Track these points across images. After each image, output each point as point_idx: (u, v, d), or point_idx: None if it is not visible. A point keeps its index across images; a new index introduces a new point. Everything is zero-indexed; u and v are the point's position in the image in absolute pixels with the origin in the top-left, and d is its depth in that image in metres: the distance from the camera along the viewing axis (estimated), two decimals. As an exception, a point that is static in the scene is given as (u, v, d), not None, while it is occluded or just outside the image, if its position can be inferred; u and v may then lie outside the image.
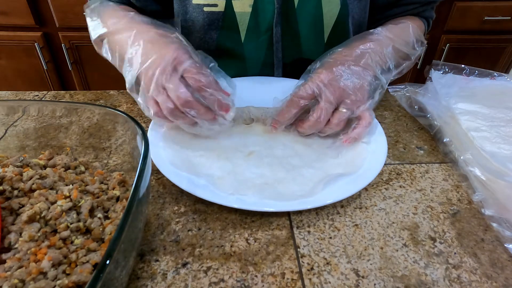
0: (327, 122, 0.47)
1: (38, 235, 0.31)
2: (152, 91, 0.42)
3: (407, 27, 0.58)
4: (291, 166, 0.46)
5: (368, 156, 0.47)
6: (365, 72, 0.48)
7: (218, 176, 0.44)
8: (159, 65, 0.42)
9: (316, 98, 0.47)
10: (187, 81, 0.43)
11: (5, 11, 1.40)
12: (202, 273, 0.35)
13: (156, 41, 0.45)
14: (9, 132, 0.42)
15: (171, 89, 0.42)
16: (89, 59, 1.56)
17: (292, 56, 0.64)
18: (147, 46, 0.45)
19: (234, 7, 0.57)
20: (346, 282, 0.35)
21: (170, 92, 0.42)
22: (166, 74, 0.42)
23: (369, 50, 0.50)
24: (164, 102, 0.42)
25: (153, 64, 0.42)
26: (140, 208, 0.30)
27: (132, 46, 0.45)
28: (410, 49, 0.55)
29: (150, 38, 0.46)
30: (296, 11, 0.58)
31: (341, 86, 0.46)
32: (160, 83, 0.42)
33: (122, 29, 0.49)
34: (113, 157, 0.43)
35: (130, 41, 0.46)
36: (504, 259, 0.38)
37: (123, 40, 0.47)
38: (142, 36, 0.46)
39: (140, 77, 0.44)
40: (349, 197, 0.42)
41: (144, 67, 0.43)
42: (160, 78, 0.42)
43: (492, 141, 0.47)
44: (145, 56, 0.43)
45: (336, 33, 0.61)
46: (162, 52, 0.43)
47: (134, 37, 0.46)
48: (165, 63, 0.42)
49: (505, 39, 1.56)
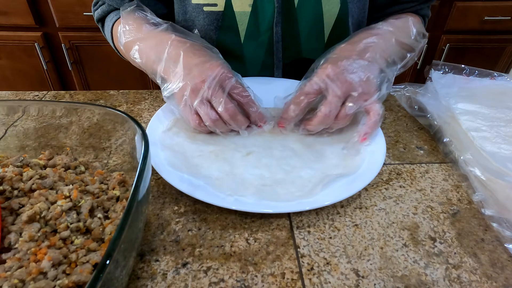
0: (335, 117, 0.47)
1: (38, 235, 0.31)
2: (197, 103, 0.46)
3: (407, 21, 0.58)
4: (290, 167, 0.46)
5: (367, 157, 0.47)
6: (370, 65, 0.48)
7: (217, 177, 0.44)
8: (206, 80, 0.45)
9: (322, 94, 0.47)
10: (232, 96, 0.47)
11: (5, 11, 1.40)
12: (202, 273, 0.35)
13: (196, 53, 0.48)
14: (9, 132, 0.42)
15: (219, 102, 0.46)
16: (89, 59, 1.56)
17: (292, 56, 0.64)
18: (188, 57, 0.47)
19: (234, 7, 0.57)
20: (346, 282, 0.35)
21: (217, 105, 0.46)
22: (212, 89, 0.45)
23: (372, 44, 0.50)
24: (208, 113, 0.46)
25: (199, 78, 0.46)
26: (140, 208, 0.30)
27: (169, 55, 0.48)
28: (413, 41, 0.56)
29: (189, 49, 0.48)
30: (296, 10, 0.58)
31: (348, 79, 0.46)
32: (205, 96, 0.45)
33: (155, 36, 0.51)
34: (113, 157, 0.43)
35: (167, 48, 0.49)
36: (504, 259, 0.38)
37: (158, 47, 0.50)
38: (180, 46, 0.49)
39: (184, 87, 0.46)
40: (349, 197, 0.42)
41: (190, 80, 0.46)
42: (207, 93, 0.45)
43: (492, 141, 0.47)
44: (188, 69, 0.47)
45: (336, 32, 0.61)
46: (206, 67, 0.46)
47: (171, 45, 0.49)
48: (211, 79, 0.45)
49: (505, 39, 1.56)
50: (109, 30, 0.63)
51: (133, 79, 1.62)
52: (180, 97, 0.47)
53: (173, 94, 0.48)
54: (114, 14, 0.63)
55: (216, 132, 0.49)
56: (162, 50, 0.49)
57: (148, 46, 0.51)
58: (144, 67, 0.52)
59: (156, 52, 0.50)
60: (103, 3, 0.65)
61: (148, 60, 0.51)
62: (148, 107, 0.61)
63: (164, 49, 0.49)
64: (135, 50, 0.52)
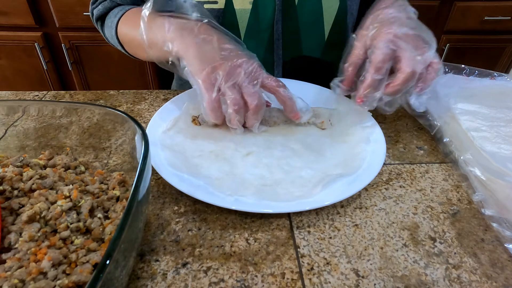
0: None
1: (38, 235, 0.31)
2: (228, 85, 0.45)
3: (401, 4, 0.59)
4: (290, 167, 0.46)
5: (367, 157, 0.47)
6: (412, 24, 0.49)
7: (217, 177, 0.44)
8: (242, 66, 0.46)
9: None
10: (265, 86, 0.48)
11: (5, 11, 1.40)
12: (202, 273, 0.35)
13: (231, 42, 0.48)
14: (9, 132, 0.42)
15: (252, 93, 0.46)
16: (89, 59, 1.56)
17: (292, 54, 0.64)
18: (222, 41, 0.47)
19: (234, 4, 0.57)
20: (346, 282, 0.35)
21: (248, 95, 0.46)
22: (249, 79, 0.46)
23: (394, 15, 0.50)
24: (237, 98, 0.46)
25: (235, 63, 0.45)
26: (140, 208, 0.30)
27: (199, 32, 0.47)
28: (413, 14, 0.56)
29: (221, 35, 0.48)
30: (297, 7, 0.58)
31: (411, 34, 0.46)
32: (239, 82, 0.45)
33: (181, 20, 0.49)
34: (113, 157, 0.43)
35: (196, 28, 0.47)
36: (504, 259, 0.38)
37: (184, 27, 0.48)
38: (211, 29, 0.48)
39: (217, 66, 0.45)
40: (349, 197, 0.42)
41: (226, 61, 0.45)
42: (243, 79, 0.45)
43: (492, 141, 0.47)
44: (223, 50, 0.46)
45: (336, 30, 0.61)
46: (242, 54, 0.47)
47: (201, 27, 0.48)
48: (248, 67, 0.46)
49: (505, 39, 1.56)
50: (113, 25, 0.61)
51: (133, 79, 1.62)
52: (208, 75, 0.45)
53: (196, 71, 0.46)
54: (119, 10, 0.62)
55: (227, 123, 0.48)
56: (190, 27, 0.47)
57: (172, 23, 0.49)
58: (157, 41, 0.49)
59: (179, 28, 0.48)
60: (104, 0, 0.64)
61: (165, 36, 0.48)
62: (148, 107, 0.61)
63: (192, 28, 0.47)
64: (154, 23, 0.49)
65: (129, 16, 0.60)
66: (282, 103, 0.50)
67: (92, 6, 0.66)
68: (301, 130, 0.53)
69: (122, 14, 0.60)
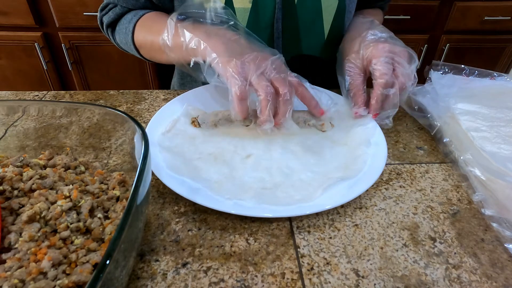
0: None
1: (38, 235, 0.31)
2: (257, 74, 0.46)
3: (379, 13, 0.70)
4: (290, 170, 0.45)
5: (368, 160, 0.46)
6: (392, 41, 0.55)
7: (216, 180, 0.43)
8: (269, 59, 0.47)
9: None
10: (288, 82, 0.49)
11: (5, 11, 1.40)
12: (202, 273, 0.35)
13: (256, 42, 0.51)
14: (9, 132, 0.42)
15: (282, 79, 0.47)
16: (89, 59, 1.56)
17: (292, 52, 0.64)
18: (248, 40, 0.50)
19: (234, 3, 0.57)
20: (346, 282, 0.35)
21: (278, 82, 0.47)
22: (276, 70, 0.47)
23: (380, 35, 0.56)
24: (267, 85, 0.46)
25: (262, 56, 0.47)
26: (140, 208, 0.30)
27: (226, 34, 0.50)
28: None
29: (246, 36, 0.51)
30: (297, 6, 0.59)
31: (403, 49, 0.52)
32: (267, 71, 0.47)
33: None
34: (113, 157, 0.43)
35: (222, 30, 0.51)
36: (504, 259, 0.38)
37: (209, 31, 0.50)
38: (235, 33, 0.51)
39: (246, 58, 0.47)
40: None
41: (253, 54, 0.47)
42: (270, 70, 0.47)
43: (492, 141, 0.47)
44: (249, 49, 0.49)
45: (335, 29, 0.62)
46: (268, 50, 0.50)
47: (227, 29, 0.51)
48: (275, 59, 0.48)
49: (505, 39, 1.56)
50: (129, 31, 0.61)
51: (133, 79, 1.62)
52: (236, 65, 0.46)
53: (225, 62, 0.46)
54: (132, 15, 0.61)
55: (258, 114, 0.48)
56: (216, 30, 0.50)
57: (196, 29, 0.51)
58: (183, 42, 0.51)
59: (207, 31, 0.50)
60: (114, 6, 0.63)
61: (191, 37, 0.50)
62: (148, 107, 0.61)
63: (218, 30, 0.50)
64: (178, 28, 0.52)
65: (146, 21, 0.61)
66: (307, 100, 0.51)
67: (101, 13, 0.66)
68: (301, 133, 0.52)
69: (137, 19, 0.60)
